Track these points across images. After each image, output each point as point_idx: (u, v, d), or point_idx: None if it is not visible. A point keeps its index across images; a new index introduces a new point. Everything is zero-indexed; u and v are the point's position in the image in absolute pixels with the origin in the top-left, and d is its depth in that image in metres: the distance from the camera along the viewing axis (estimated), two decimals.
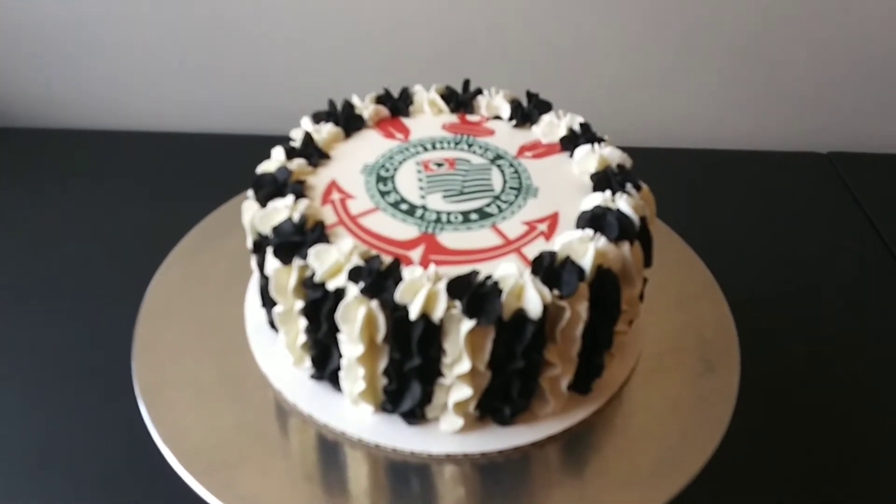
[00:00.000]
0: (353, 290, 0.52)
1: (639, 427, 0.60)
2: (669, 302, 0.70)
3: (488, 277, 0.53)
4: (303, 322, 0.57)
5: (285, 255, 0.55)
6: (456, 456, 0.57)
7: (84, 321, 0.83)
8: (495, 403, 0.57)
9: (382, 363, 0.55)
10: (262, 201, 0.59)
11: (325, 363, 0.59)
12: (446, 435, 0.57)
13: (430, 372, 0.55)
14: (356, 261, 0.54)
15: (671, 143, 1.20)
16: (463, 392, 0.55)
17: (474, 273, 0.53)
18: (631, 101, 1.18)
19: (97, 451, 0.70)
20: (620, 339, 0.61)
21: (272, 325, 0.63)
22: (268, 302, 0.61)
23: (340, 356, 0.56)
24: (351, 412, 0.59)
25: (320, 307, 0.54)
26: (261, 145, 0.67)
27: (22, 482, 0.68)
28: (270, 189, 0.60)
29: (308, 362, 0.60)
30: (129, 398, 0.61)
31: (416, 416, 0.57)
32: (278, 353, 0.62)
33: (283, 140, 0.67)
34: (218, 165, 1.09)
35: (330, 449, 0.58)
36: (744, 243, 1.01)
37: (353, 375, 0.56)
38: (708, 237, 0.93)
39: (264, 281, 0.59)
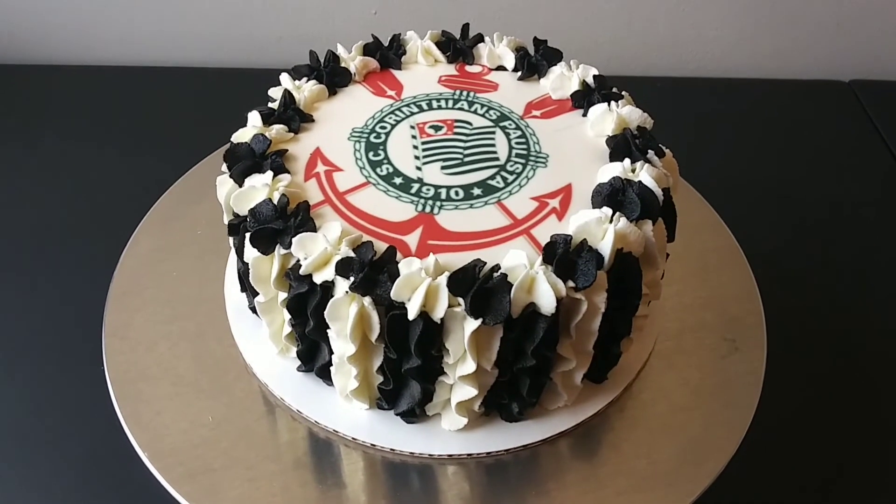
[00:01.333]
0: (343, 286, 0.46)
1: (658, 418, 0.55)
2: (689, 269, 0.64)
3: (495, 269, 0.47)
4: (288, 314, 0.51)
5: (265, 243, 0.49)
6: (459, 456, 0.52)
7: (49, 296, 0.76)
8: (502, 400, 0.52)
9: (377, 361, 0.49)
10: (238, 178, 0.52)
11: (313, 358, 0.53)
12: (449, 434, 0.52)
13: (431, 371, 0.49)
14: (345, 250, 0.47)
15: (681, 72, 1.14)
16: (467, 392, 0.49)
17: (479, 264, 0.47)
18: (638, 24, 1.10)
19: (67, 450, 0.64)
20: (640, 323, 0.56)
21: (254, 310, 0.57)
22: (248, 288, 0.55)
23: (330, 352, 0.51)
24: (344, 408, 0.53)
25: (306, 302, 0.48)
26: (242, 79, 0.60)
27: None
28: (247, 163, 0.53)
29: (294, 353, 0.54)
30: (100, 389, 0.56)
31: (414, 414, 0.52)
32: (262, 339, 0.56)
33: (265, 74, 0.59)
34: (194, 103, 1.02)
35: (323, 449, 0.53)
36: (761, 178, 0.95)
37: (345, 373, 0.51)
38: (723, 173, 0.89)
39: (243, 266, 0.53)
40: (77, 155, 0.93)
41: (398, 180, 0.54)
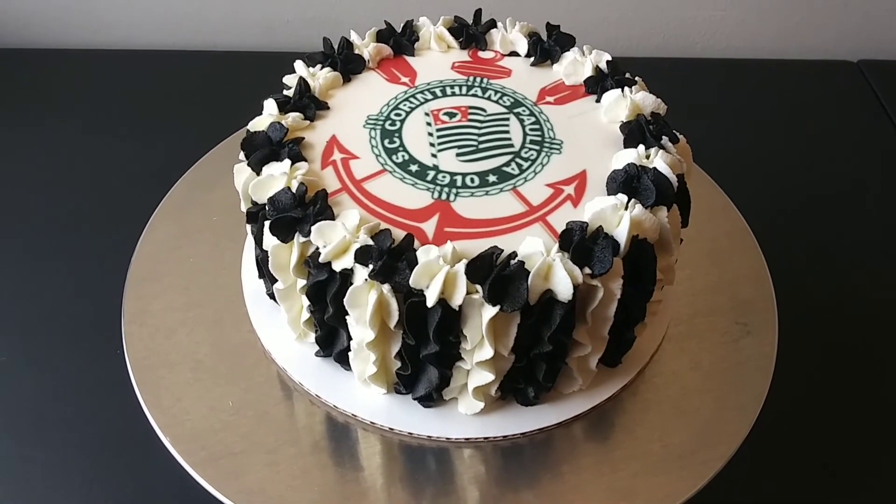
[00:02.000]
0: (362, 273, 0.47)
1: (671, 402, 0.56)
2: (701, 253, 0.65)
3: (512, 256, 0.47)
4: (306, 301, 0.52)
5: (284, 232, 0.49)
6: (476, 440, 0.53)
7: (67, 283, 0.76)
8: (518, 385, 0.52)
9: (395, 347, 0.50)
10: (256, 167, 0.53)
11: (331, 344, 0.54)
12: (465, 417, 0.53)
13: (448, 357, 0.50)
14: (364, 238, 0.48)
15: (688, 53, 1.14)
16: (484, 377, 0.50)
17: (496, 251, 0.47)
18: (645, 5, 1.10)
19: (89, 435, 0.65)
20: (654, 307, 0.56)
21: (272, 296, 0.58)
22: (267, 275, 0.55)
23: (349, 338, 0.51)
24: (361, 392, 0.54)
25: (326, 289, 0.49)
26: (251, 62, 0.60)
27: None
28: (264, 152, 0.53)
29: (313, 338, 0.55)
30: (119, 374, 0.57)
31: (432, 398, 0.53)
32: (280, 324, 0.57)
33: (274, 57, 0.59)
34: (204, 86, 1.02)
35: (341, 432, 0.54)
36: (769, 159, 0.95)
37: (363, 358, 0.51)
38: (730, 154, 0.89)
39: (262, 253, 0.53)
40: (88, 141, 0.93)
41: (414, 167, 0.54)
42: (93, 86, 1.02)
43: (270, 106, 0.57)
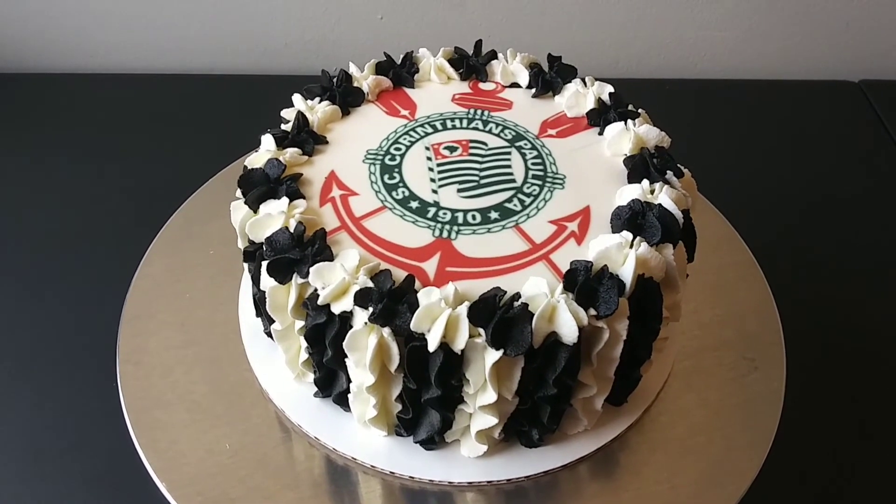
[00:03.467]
0: (362, 316, 0.46)
1: (678, 441, 0.55)
2: (706, 285, 0.64)
3: (515, 298, 0.46)
4: (305, 342, 0.50)
5: (282, 273, 0.48)
6: (479, 483, 0.52)
7: (61, 318, 0.74)
8: (522, 427, 0.51)
9: (396, 391, 0.49)
10: (253, 205, 0.52)
11: (330, 386, 0.53)
12: (468, 460, 0.52)
13: (450, 400, 0.49)
14: (363, 279, 0.47)
15: (688, 73, 1.13)
16: (487, 420, 0.49)
17: (499, 293, 0.46)
18: (644, 25, 1.09)
19: (84, 477, 0.63)
20: (659, 345, 0.55)
21: (270, 335, 0.56)
22: (264, 315, 0.54)
23: (349, 381, 0.50)
24: (362, 434, 0.53)
25: (324, 332, 0.48)
26: (249, 85, 0.58)
27: None
28: (262, 189, 0.52)
29: (311, 378, 0.54)
30: (116, 412, 0.55)
31: (434, 441, 0.51)
32: (278, 363, 0.56)
33: (272, 80, 0.58)
34: (202, 110, 1.01)
35: (341, 475, 0.53)
36: (769, 181, 0.94)
37: (363, 401, 0.50)
38: (730, 176, 0.89)
39: (259, 293, 0.52)
40: (84, 169, 0.92)
41: (414, 204, 0.53)
42: (89, 111, 1.01)
43: (268, 141, 0.56)
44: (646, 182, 0.53)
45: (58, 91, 1.04)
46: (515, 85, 0.64)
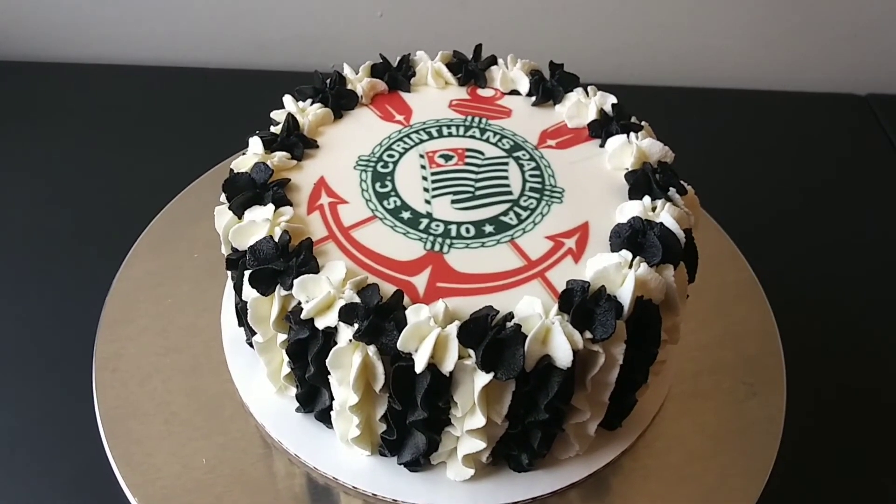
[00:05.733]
0: (347, 333, 0.44)
1: (673, 468, 0.53)
2: (705, 304, 0.61)
3: (508, 318, 0.44)
4: (287, 357, 0.48)
5: (265, 284, 0.46)
6: None
7: (38, 322, 0.72)
8: (511, 451, 0.49)
9: (380, 411, 0.47)
10: (238, 211, 0.49)
11: (312, 402, 0.50)
12: (454, 484, 0.50)
13: (437, 422, 0.47)
14: (349, 294, 0.44)
15: (693, 82, 1.10)
16: (474, 444, 0.47)
17: (491, 312, 0.44)
18: (649, 34, 1.07)
19: (54, 490, 0.60)
20: (657, 368, 0.53)
21: (252, 345, 0.54)
22: (246, 326, 0.52)
23: (331, 398, 0.48)
24: (344, 453, 0.51)
25: (307, 347, 0.46)
26: (244, 80, 0.56)
27: None
28: (247, 195, 0.50)
29: (293, 392, 0.52)
30: (89, 425, 0.53)
31: (419, 463, 0.49)
32: (260, 374, 0.53)
33: (268, 75, 0.56)
34: (195, 104, 0.99)
35: (322, 495, 0.51)
36: (774, 195, 0.92)
37: (346, 419, 0.48)
38: (734, 190, 0.87)
39: (242, 303, 0.50)
40: (66, 162, 0.89)
41: (406, 215, 0.51)
42: (76, 102, 0.99)
43: (256, 145, 0.54)
44: (647, 199, 0.51)
45: (40, 82, 1.02)
46: (515, 92, 0.62)
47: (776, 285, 0.65)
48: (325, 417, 0.50)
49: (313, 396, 0.50)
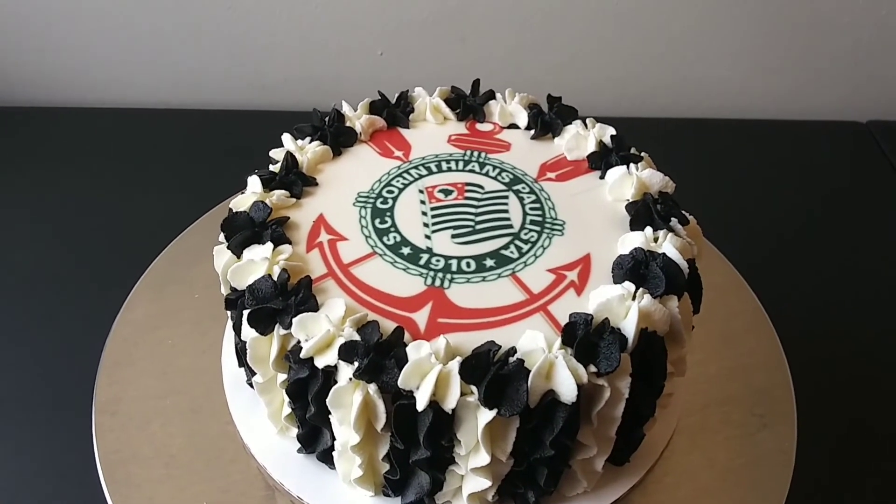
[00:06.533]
0: (347, 371, 0.43)
1: (684, 503, 0.52)
2: (712, 335, 0.61)
3: (510, 353, 0.43)
4: (287, 396, 0.48)
5: (264, 323, 0.45)
6: None
7: (38, 365, 0.71)
8: (517, 489, 0.48)
9: (383, 450, 0.46)
10: (236, 250, 0.49)
11: (314, 443, 0.50)
12: None
13: (441, 461, 0.46)
14: (349, 332, 0.44)
15: (694, 113, 1.11)
16: (479, 483, 0.45)
17: (493, 347, 0.43)
18: (647, 63, 1.08)
19: None
20: (664, 401, 0.52)
21: (252, 385, 0.54)
22: (246, 366, 0.52)
23: (333, 438, 0.47)
24: (348, 494, 0.50)
25: (307, 387, 0.45)
26: (247, 121, 0.56)
27: None
28: (245, 234, 0.50)
29: (295, 433, 0.51)
30: (89, 469, 0.52)
31: (423, 503, 0.48)
32: (261, 415, 0.52)
33: (270, 116, 0.56)
34: (198, 145, 0.99)
35: None
36: (775, 224, 0.92)
37: (348, 459, 0.47)
38: (735, 218, 0.86)
39: (241, 343, 0.49)
40: (67, 204, 0.89)
41: (406, 250, 0.51)
42: (79, 146, 0.99)
43: (255, 183, 0.54)
44: (649, 230, 0.51)
45: (43, 126, 1.02)
46: (514, 126, 0.62)
47: (782, 315, 0.65)
48: (327, 458, 0.49)
49: (315, 437, 0.49)
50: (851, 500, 0.63)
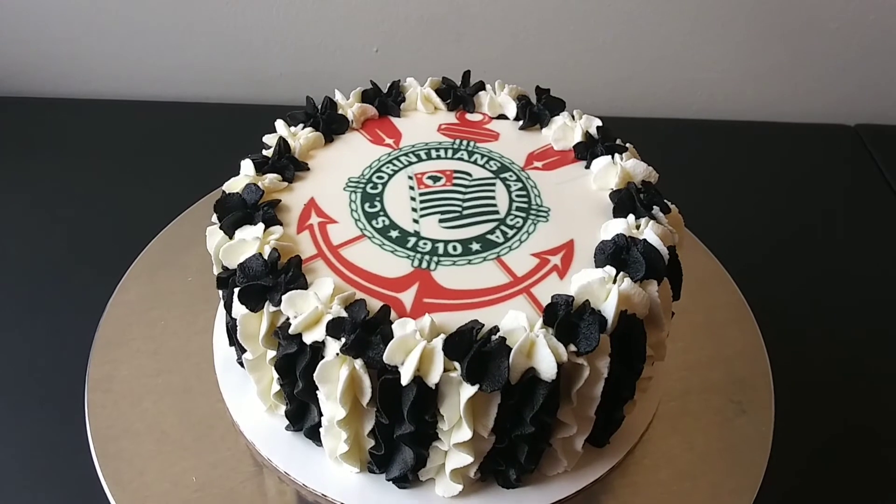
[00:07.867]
0: (334, 347, 0.44)
1: (662, 485, 0.53)
2: (694, 325, 0.63)
3: (493, 331, 0.45)
4: (276, 373, 0.49)
5: (254, 300, 0.47)
6: None
7: (32, 344, 0.72)
8: (499, 466, 0.49)
9: (368, 425, 0.47)
10: (228, 230, 0.50)
11: (301, 419, 0.51)
12: (442, 500, 0.50)
13: (424, 437, 0.47)
14: (337, 309, 0.45)
15: (683, 114, 1.12)
16: (462, 459, 0.47)
17: (476, 326, 0.45)
18: (640, 66, 1.09)
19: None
20: (643, 384, 0.53)
21: (243, 364, 0.55)
22: (236, 344, 0.53)
23: (320, 414, 0.48)
24: (334, 470, 0.51)
25: (295, 362, 0.46)
26: (242, 115, 0.57)
27: None
28: (237, 215, 0.51)
29: (283, 410, 0.52)
30: (81, 445, 0.54)
31: (407, 479, 0.50)
32: (251, 394, 0.54)
33: (266, 110, 0.57)
34: (193, 139, 1.00)
35: None
36: (764, 225, 0.93)
37: (335, 435, 0.48)
38: (725, 219, 0.87)
39: (231, 321, 0.51)
40: (69, 192, 0.90)
41: (394, 234, 0.52)
42: (75, 136, 1.00)
43: (247, 166, 0.55)
44: (631, 217, 0.52)
45: (42, 115, 1.03)
46: (503, 116, 0.64)
47: (766, 309, 0.66)
48: (314, 435, 0.51)
49: (302, 413, 0.50)
50: (826, 485, 0.64)
